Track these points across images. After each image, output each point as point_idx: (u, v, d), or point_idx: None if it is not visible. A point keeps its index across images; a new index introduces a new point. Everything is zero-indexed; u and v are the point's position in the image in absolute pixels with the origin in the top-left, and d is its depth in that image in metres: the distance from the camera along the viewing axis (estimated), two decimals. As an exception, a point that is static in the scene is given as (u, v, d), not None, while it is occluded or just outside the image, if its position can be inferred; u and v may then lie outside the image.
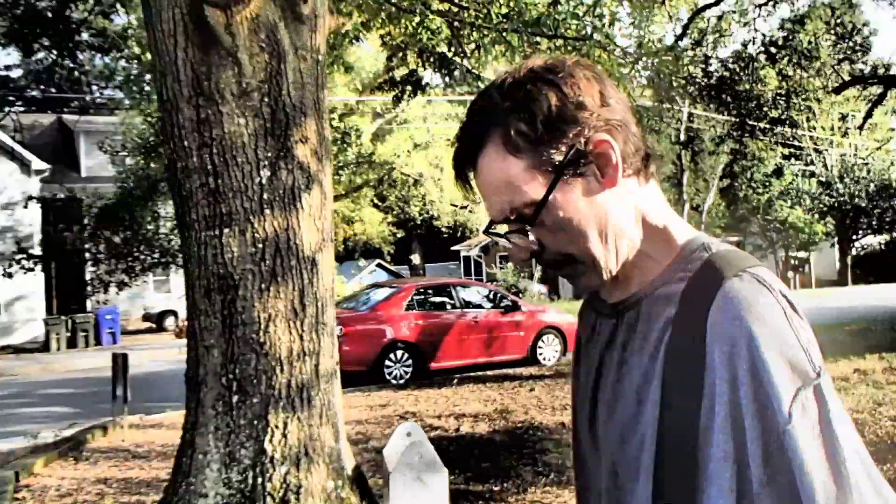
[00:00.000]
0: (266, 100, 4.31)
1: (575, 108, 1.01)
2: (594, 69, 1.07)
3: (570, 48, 6.40)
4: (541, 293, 32.46)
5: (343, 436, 4.58)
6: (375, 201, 35.63)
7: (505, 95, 1.02)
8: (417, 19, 6.57)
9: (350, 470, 4.53)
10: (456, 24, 6.62)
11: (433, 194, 35.78)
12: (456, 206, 38.16)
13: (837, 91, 16.55)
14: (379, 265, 39.43)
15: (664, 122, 32.62)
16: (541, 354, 13.98)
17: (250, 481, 4.12)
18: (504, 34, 6.04)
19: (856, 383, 8.98)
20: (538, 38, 6.07)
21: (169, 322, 25.65)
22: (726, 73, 17.04)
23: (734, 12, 17.09)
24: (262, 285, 4.24)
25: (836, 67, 17.51)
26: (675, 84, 12.72)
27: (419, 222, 38.31)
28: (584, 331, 1.20)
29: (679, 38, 14.59)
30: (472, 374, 12.62)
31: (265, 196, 4.27)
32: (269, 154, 4.29)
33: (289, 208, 4.34)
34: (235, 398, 4.19)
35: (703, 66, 16.76)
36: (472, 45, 7.11)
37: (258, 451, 4.14)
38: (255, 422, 4.17)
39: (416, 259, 42.01)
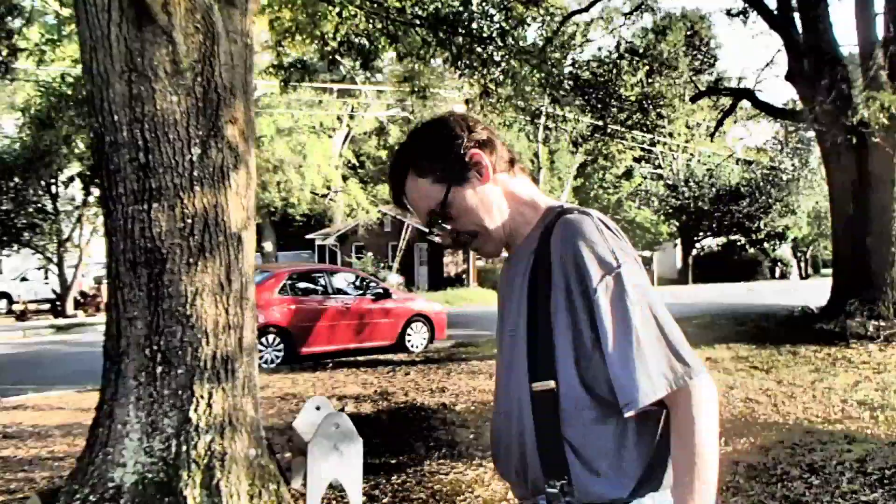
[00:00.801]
0: (199, 79, 4.42)
1: (452, 140, 1.61)
2: (465, 116, 1.71)
3: (474, 48, 6.77)
4: (398, 284, 32.89)
5: (259, 407, 4.77)
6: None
7: (412, 140, 1.68)
8: (338, 9, 6.77)
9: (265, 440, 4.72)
10: (373, 16, 6.88)
11: (294, 181, 35.49)
12: (316, 195, 38.02)
13: (694, 100, 17.78)
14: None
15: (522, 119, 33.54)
16: (409, 341, 14.38)
17: (174, 449, 4.24)
18: (418, 29, 6.35)
19: (709, 370, 9.82)
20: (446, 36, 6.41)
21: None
22: (591, 77, 17.89)
23: (601, 19, 17.83)
24: (191, 259, 4.36)
25: (692, 78, 18.75)
26: (541, 84, 13.30)
27: (273, 209, 37.87)
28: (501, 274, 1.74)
29: (548, 40, 15.23)
30: (344, 359, 12.84)
31: (195, 173, 4.39)
32: (201, 132, 4.41)
33: (217, 186, 4.48)
34: (160, 369, 4.29)
35: (573, 68, 17.54)
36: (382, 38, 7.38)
37: (183, 420, 4.26)
38: (180, 392, 4.29)
39: (268, 246, 41.50)
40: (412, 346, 14.34)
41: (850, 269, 13.11)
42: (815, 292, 19.24)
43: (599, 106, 17.89)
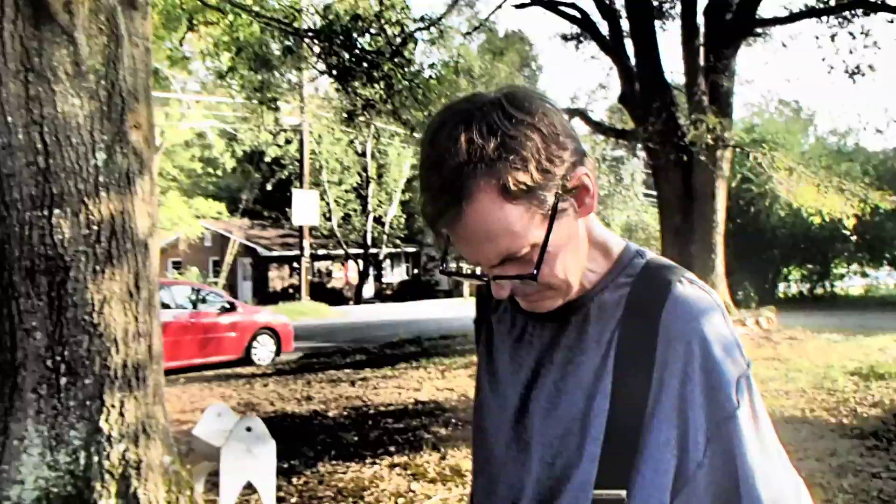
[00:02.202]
0: (103, 83, 4.31)
1: (556, 147, 1.01)
2: (542, 97, 1.07)
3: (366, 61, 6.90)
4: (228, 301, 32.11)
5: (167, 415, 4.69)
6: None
7: (485, 141, 0.97)
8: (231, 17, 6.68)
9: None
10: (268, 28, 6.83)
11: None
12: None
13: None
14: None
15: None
16: (255, 354, 14.17)
17: (83, 461, 4.10)
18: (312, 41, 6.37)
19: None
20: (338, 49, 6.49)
21: None
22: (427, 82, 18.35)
23: (441, 38, 18.32)
24: (97, 267, 4.24)
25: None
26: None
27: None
28: (505, 331, 1.22)
29: (390, 57, 15.49)
30: (191, 373, 12.51)
31: (101, 179, 4.27)
32: (106, 137, 4.31)
33: (124, 192, 4.38)
34: (64, 380, 4.14)
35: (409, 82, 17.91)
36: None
37: (92, 431, 4.13)
38: (88, 402, 4.15)
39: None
40: (258, 360, 14.15)
41: (677, 276, 14.20)
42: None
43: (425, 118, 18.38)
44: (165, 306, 13.24)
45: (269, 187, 38.48)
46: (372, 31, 7.46)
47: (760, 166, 14.07)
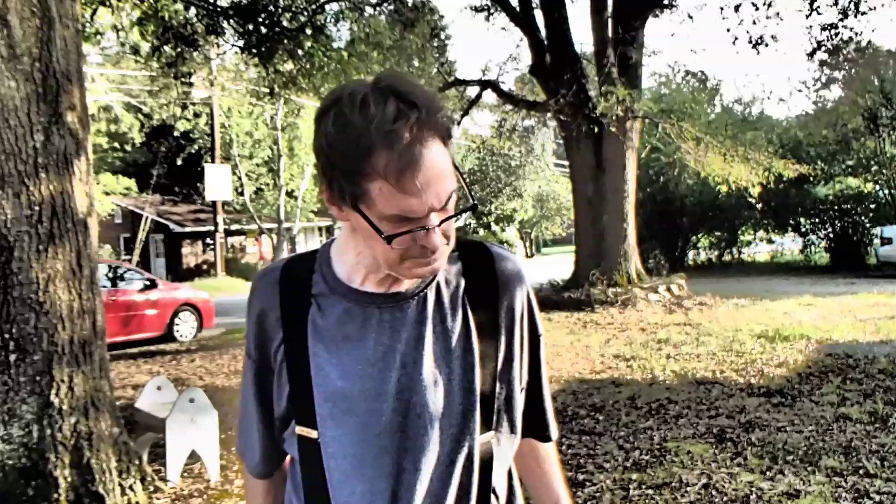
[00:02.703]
0: (37, 65, 4.40)
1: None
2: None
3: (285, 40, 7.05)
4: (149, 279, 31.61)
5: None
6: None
7: (428, 100, 1.10)
8: None
9: (118, 420, 4.82)
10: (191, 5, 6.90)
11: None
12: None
13: (443, 89, 18.89)
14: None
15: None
16: (177, 331, 14.17)
17: (35, 434, 4.25)
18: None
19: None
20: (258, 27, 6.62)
21: None
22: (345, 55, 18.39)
23: (351, 10, 18.32)
24: (40, 247, 4.36)
25: (440, 69, 19.87)
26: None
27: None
28: (333, 324, 1.25)
29: (311, 34, 15.53)
30: (115, 351, 12.44)
31: (40, 160, 4.38)
32: (42, 119, 4.40)
33: (62, 172, 4.49)
34: (13, 356, 4.26)
35: (328, 58, 17.95)
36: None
37: (44, 405, 4.28)
38: (38, 377, 4.29)
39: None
40: (181, 336, 14.15)
41: (590, 244, 14.80)
42: (545, 269, 21.32)
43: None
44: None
45: (179, 162, 37.80)
46: (293, 8, 7.61)
47: (669, 136, 14.61)
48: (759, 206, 21.73)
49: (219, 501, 4.76)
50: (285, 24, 7.21)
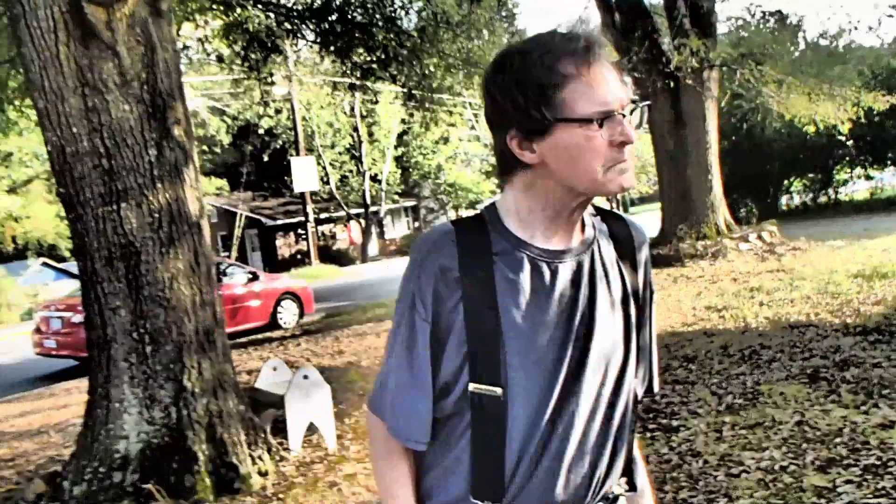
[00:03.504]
0: (145, 87, 4.87)
1: None
2: None
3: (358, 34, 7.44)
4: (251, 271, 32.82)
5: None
6: (46, 196, 33.32)
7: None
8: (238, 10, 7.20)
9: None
10: (270, 14, 7.37)
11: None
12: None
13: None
14: (45, 264, 36.79)
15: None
16: (281, 318, 14.86)
17: (174, 415, 4.77)
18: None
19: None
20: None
21: None
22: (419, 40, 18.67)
23: None
24: (163, 249, 4.85)
25: (507, 40, 20.02)
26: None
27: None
28: (516, 271, 1.31)
29: (383, 26, 15.84)
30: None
31: (155, 172, 4.86)
32: (154, 135, 4.88)
33: (175, 181, 4.97)
34: (149, 348, 4.79)
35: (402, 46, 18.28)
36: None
37: (179, 389, 4.79)
38: (172, 365, 4.81)
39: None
40: (284, 323, 14.83)
41: (676, 199, 14.78)
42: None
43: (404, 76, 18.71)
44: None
45: (265, 158, 38.94)
46: (364, 3, 7.97)
47: (749, 82, 14.39)
48: (852, 142, 21.02)
49: (338, 465, 5.19)
50: (358, 18, 7.58)
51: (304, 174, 30.93)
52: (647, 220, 23.74)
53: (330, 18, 7.32)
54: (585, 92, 1.21)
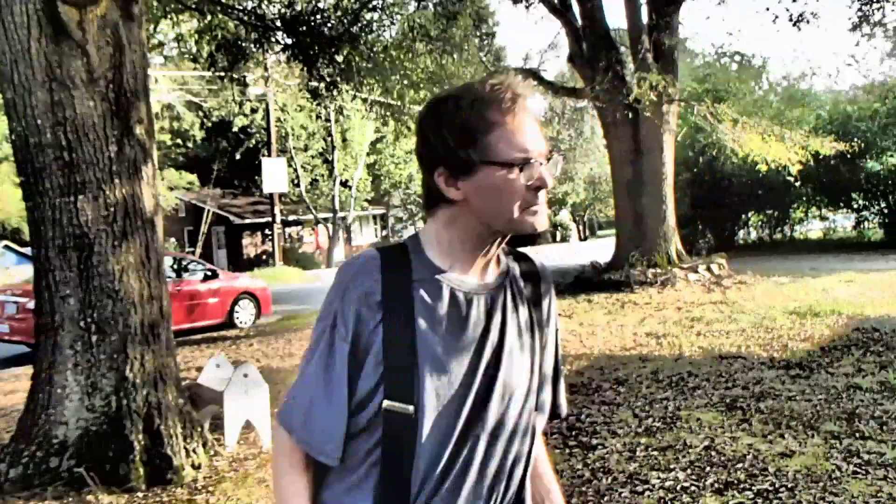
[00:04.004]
0: (111, 86, 5.07)
1: None
2: None
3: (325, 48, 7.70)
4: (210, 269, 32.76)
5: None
6: (14, 179, 32.97)
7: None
8: (208, 18, 7.41)
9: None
10: (240, 24, 7.60)
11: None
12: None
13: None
14: (6, 247, 36.41)
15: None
16: (237, 318, 14.97)
17: (114, 404, 4.94)
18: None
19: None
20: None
21: None
22: (382, 56, 19.00)
23: (395, 5, 18.72)
24: (115, 242, 5.04)
25: (481, 58, 20.32)
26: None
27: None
28: (435, 301, 1.40)
29: (348, 41, 16.09)
30: (180, 337, 13.28)
31: (114, 168, 5.06)
32: (116, 132, 5.08)
33: (133, 178, 5.17)
34: (95, 337, 4.96)
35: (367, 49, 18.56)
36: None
37: (120, 379, 4.97)
38: (115, 355, 4.99)
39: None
40: (240, 323, 14.94)
41: (630, 227, 15.17)
42: (597, 251, 21.58)
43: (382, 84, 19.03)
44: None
45: (237, 156, 38.94)
46: (331, 21, 8.25)
47: (705, 118, 14.86)
48: (809, 183, 21.53)
49: (270, 464, 5.38)
50: (326, 32, 7.85)
51: (275, 175, 31.02)
52: (597, 248, 24.11)
53: (300, 30, 7.59)
54: (508, 139, 1.34)
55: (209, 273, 14.95)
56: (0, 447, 5.31)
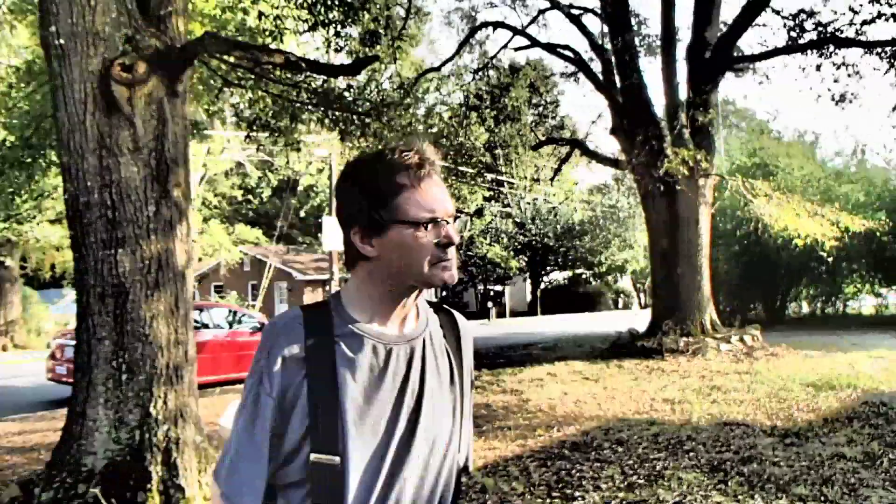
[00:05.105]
0: (153, 154, 5.76)
1: None
2: None
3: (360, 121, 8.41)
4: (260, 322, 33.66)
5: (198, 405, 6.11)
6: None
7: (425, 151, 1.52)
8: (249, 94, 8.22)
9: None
10: (278, 99, 8.40)
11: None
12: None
13: (535, 148, 20.06)
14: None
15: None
16: (285, 370, 15.56)
17: (137, 438, 5.51)
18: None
19: (548, 381, 11.79)
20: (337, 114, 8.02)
21: None
22: (443, 126, 19.81)
23: (452, 76, 19.55)
24: (148, 291, 5.67)
25: (532, 128, 21.03)
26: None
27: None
28: (356, 353, 1.50)
29: (405, 95, 16.88)
30: (227, 386, 13.95)
31: (151, 226, 5.72)
32: (155, 195, 5.75)
33: (168, 236, 5.82)
34: (125, 376, 5.57)
35: (426, 118, 19.35)
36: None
37: (144, 415, 5.55)
38: (142, 393, 5.58)
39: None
40: (287, 375, 15.53)
41: (666, 295, 15.47)
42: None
43: (452, 153, 19.86)
44: (205, 326, 14.78)
45: (302, 214, 40.22)
46: (364, 97, 9.02)
47: (738, 193, 15.19)
48: (861, 258, 21.42)
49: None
50: (359, 108, 8.59)
51: (335, 233, 31.94)
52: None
53: (332, 107, 8.32)
54: (416, 200, 1.47)
55: (258, 325, 15.66)
56: (37, 474, 5.92)
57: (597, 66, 16.65)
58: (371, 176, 1.50)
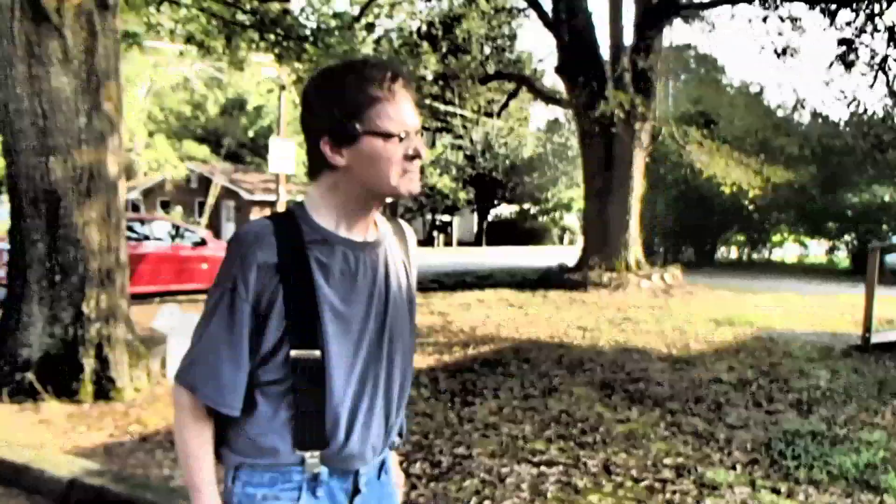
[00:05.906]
0: (84, 66, 5.99)
1: None
2: None
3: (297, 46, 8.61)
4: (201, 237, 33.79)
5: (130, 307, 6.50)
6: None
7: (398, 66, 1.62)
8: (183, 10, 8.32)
9: (132, 332, 6.47)
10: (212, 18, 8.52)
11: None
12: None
13: (482, 82, 20.27)
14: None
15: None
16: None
17: (71, 333, 5.90)
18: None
19: (474, 306, 12.42)
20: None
21: None
22: (394, 54, 19.88)
23: (402, 2, 19.44)
24: (80, 199, 5.98)
25: (484, 62, 21.23)
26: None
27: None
28: (329, 261, 1.56)
29: (355, 19, 16.87)
30: (167, 297, 14.24)
31: (83, 136, 5.98)
32: (86, 106, 6.00)
33: (99, 147, 6.09)
34: (58, 277, 5.91)
35: (376, 45, 19.42)
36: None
37: (77, 314, 5.92)
38: (75, 293, 5.93)
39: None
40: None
41: (595, 232, 16.10)
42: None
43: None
44: (146, 238, 15.03)
45: (251, 134, 39.95)
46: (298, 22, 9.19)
47: (673, 138, 15.72)
48: (789, 209, 22.30)
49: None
50: (296, 33, 8.78)
51: (282, 156, 31.84)
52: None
53: (275, 31, 8.51)
54: (389, 113, 1.50)
55: (199, 241, 15.94)
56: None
57: (548, 4, 16.85)
58: (344, 86, 1.52)
